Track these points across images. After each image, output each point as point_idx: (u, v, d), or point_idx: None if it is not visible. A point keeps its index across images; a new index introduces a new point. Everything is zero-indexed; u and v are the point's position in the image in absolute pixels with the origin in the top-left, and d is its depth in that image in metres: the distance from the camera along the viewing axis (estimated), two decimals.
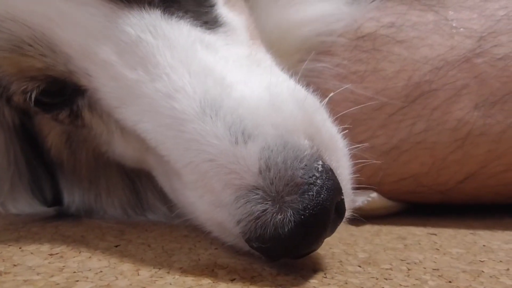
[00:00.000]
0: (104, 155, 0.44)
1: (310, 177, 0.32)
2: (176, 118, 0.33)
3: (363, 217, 0.45)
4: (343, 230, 0.45)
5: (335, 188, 0.32)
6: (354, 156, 0.38)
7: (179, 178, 0.36)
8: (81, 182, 0.46)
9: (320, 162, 0.33)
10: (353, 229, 0.47)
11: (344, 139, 0.38)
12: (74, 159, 0.45)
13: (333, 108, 0.39)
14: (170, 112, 0.34)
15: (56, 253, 0.36)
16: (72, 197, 0.47)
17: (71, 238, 0.40)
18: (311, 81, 0.44)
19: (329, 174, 0.33)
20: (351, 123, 0.47)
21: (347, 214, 0.36)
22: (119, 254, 0.37)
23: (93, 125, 0.40)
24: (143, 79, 0.35)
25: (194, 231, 0.41)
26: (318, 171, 0.33)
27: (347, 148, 0.38)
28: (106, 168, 0.46)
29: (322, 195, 0.32)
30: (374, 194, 0.51)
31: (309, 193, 0.32)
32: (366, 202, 0.51)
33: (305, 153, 0.33)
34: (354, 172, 0.38)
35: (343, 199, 0.34)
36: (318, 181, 0.32)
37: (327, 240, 0.34)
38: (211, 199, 0.34)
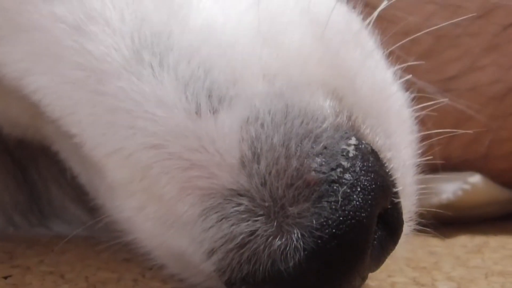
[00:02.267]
0: None
1: (332, 169, 0.31)
2: (89, 69, 0.33)
3: (455, 220, 0.45)
4: (416, 245, 0.46)
5: (380, 187, 0.31)
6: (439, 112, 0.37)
7: (101, 174, 0.36)
8: None
9: (353, 141, 0.32)
10: (433, 242, 0.47)
11: (405, 90, 0.37)
12: None
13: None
14: (79, 58, 0.33)
15: None
16: None
17: None
18: None
19: (369, 163, 0.32)
20: (428, 51, 0.44)
21: (409, 228, 0.35)
22: None
23: None
24: (33, 0, 0.34)
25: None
26: (347, 158, 0.31)
27: (409, 108, 0.37)
28: None
29: (354, 202, 0.30)
30: (475, 178, 0.50)
31: (330, 199, 0.30)
32: (459, 193, 0.50)
33: (323, 126, 0.32)
34: (429, 146, 0.37)
35: (396, 204, 0.33)
36: (347, 176, 0.31)
37: (386, 263, 0.34)
38: (159, 213, 0.34)
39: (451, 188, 0.50)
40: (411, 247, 0.41)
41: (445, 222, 0.41)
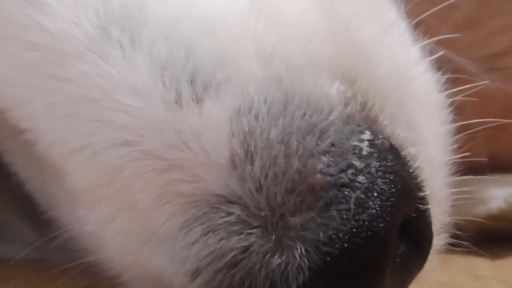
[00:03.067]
0: None
1: (342, 170, 0.31)
2: (45, 50, 0.33)
3: (506, 235, 0.45)
4: (456, 266, 0.44)
5: (402, 191, 0.31)
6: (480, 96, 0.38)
7: (58, 178, 0.36)
8: None
9: (367, 135, 0.32)
10: (478, 263, 0.46)
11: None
12: None
13: None
14: (32, 36, 0.33)
15: None
16: None
17: None
18: None
19: (387, 162, 0.32)
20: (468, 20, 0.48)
21: (440, 242, 0.35)
22: None
23: None
24: None
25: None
26: (360, 157, 0.31)
27: (441, 92, 0.37)
28: None
29: (370, 210, 0.30)
30: None
31: (341, 207, 0.30)
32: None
33: (330, 117, 0.32)
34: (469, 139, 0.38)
35: (423, 211, 0.33)
36: (361, 178, 0.31)
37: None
38: (131, 225, 0.34)
39: (502, 193, 0.49)
40: (448, 269, 0.41)
41: (493, 237, 0.42)
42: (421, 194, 0.32)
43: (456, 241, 0.36)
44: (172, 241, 0.32)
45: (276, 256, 0.30)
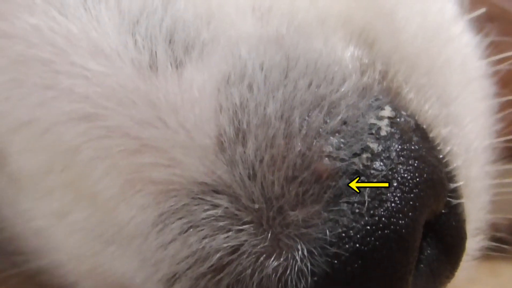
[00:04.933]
0: None
1: (355, 155, 0.32)
2: None
3: None
4: (493, 274, 0.46)
5: (429, 181, 0.32)
6: None
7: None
8: None
9: (387, 112, 0.33)
10: None
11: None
12: None
13: None
14: None
15: None
16: None
17: None
18: None
19: (411, 145, 0.33)
20: None
21: (477, 246, 0.36)
22: None
23: None
24: None
25: None
26: (377, 138, 0.33)
27: (482, 59, 0.39)
28: None
29: (388, 204, 0.31)
30: None
31: (352, 199, 0.31)
32: None
33: (342, 88, 0.33)
34: None
35: (455, 207, 0.34)
36: (378, 164, 0.32)
37: None
38: (92, 221, 0.35)
39: None
40: (483, 277, 0.43)
41: None
42: (452, 185, 0.33)
43: (497, 244, 0.38)
44: (143, 240, 0.33)
45: (272, 259, 0.32)
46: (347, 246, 0.31)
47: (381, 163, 0.32)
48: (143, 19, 0.33)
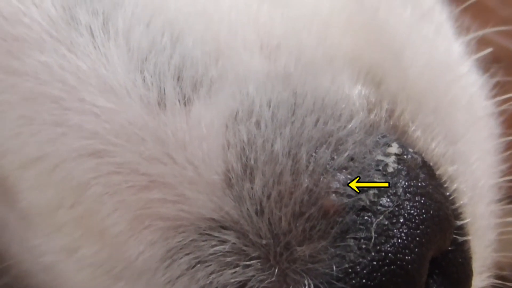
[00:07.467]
0: None
1: (362, 191, 0.32)
2: None
3: None
4: None
5: (435, 218, 0.32)
6: None
7: (8, 198, 0.36)
8: None
9: (394, 149, 0.33)
10: None
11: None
12: None
13: None
14: None
15: None
16: None
17: None
18: None
19: (418, 182, 0.33)
20: None
21: (480, 283, 0.36)
22: None
23: None
24: None
25: None
26: (384, 175, 0.33)
27: (488, 98, 0.40)
28: None
29: (394, 240, 0.32)
30: None
31: (359, 235, 0.32)
32: None
33: (350, 125, 0.33)
34: None
35: (461, 244, 0.34)
36: (385, 201, 0.32)
37: None
38: (100, 256, 0.34)
39: None
40: None
41: None
42: (459, 222, 0.33)
43: (501, 282, 0.37)
44: (151, 276, 0.33)
45: None
46: (353, 281, 0.31)
47: (388, 199, 0.32)
48: (152, 56, 0.33)
